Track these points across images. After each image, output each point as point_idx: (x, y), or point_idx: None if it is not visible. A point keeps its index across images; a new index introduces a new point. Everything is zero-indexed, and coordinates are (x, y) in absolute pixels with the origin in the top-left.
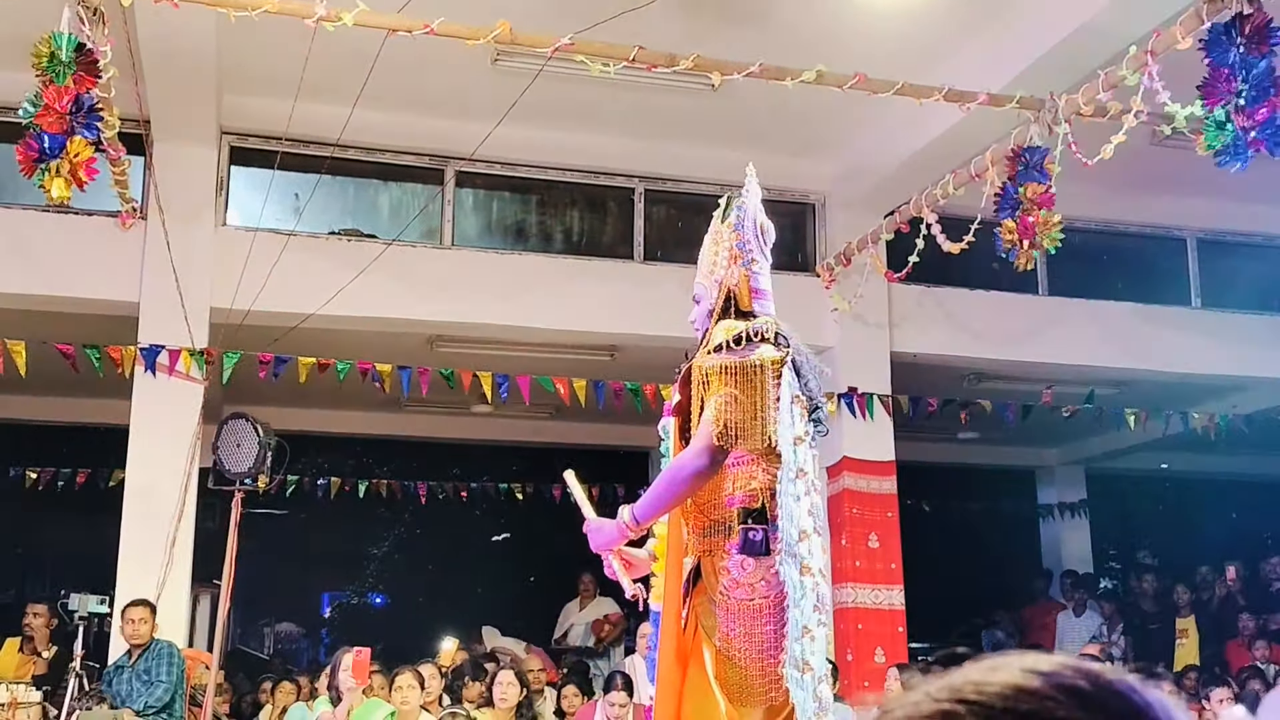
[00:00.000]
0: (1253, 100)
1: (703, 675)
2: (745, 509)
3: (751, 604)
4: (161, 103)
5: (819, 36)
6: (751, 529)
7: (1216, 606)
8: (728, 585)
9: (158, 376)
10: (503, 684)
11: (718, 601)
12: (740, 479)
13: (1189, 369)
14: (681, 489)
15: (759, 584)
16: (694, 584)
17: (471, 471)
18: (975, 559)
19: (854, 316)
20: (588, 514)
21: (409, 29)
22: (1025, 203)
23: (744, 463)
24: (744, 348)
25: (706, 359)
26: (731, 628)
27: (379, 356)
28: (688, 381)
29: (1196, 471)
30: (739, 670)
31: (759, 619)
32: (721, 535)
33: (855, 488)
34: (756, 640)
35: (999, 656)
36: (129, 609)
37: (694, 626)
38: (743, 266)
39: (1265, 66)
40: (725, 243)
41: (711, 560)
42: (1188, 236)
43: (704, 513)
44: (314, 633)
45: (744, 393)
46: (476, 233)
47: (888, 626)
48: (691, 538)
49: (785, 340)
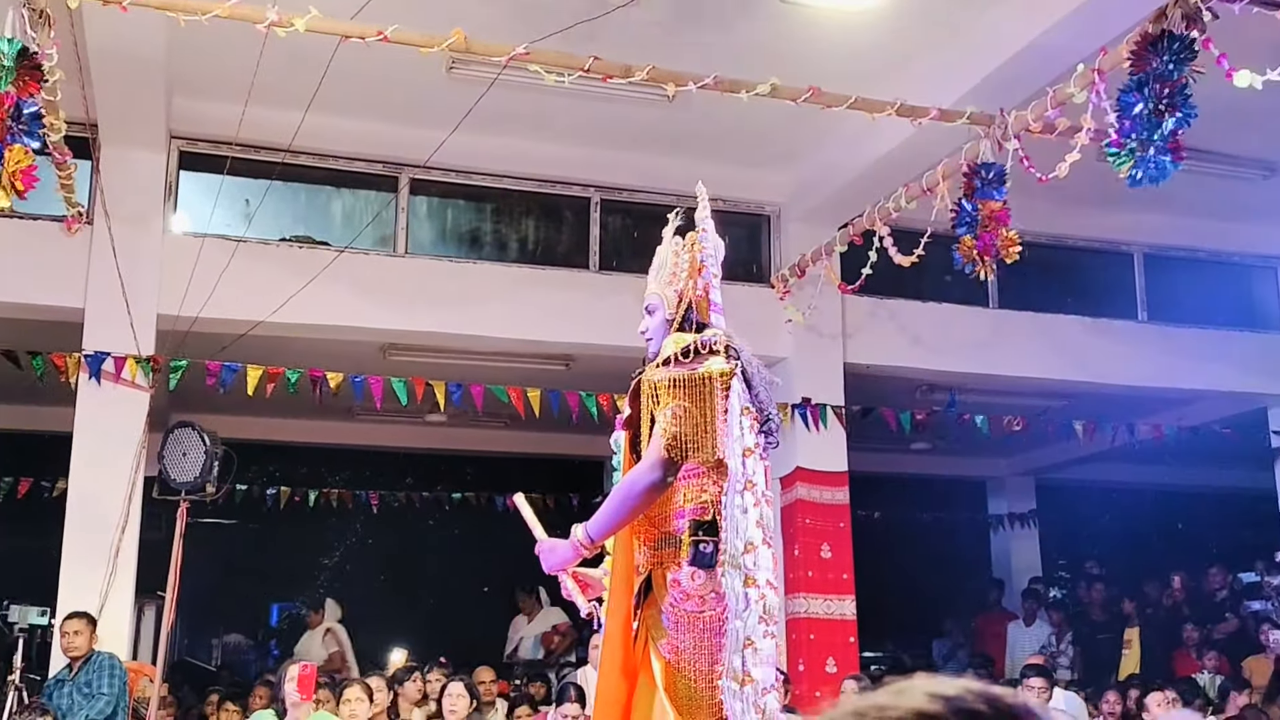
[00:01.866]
0: (1161, 110)
1: (652, 686)
2: (696, 521)
3: (701, 616)
4: (109, 106)
5: (775, 50)
6: (702, 541)
7: (1163, 616)
8: (677, 597)
9: (103, 384)
10: (452, 696)
11: (667, 613)
12: (690, 492)
13: (1135, 382)
14: (634, 504)
15: (709, 596)
16: (644, 597)
17: (424, 481)
18: (927, 569)
19: (808, 328)
20: (539, 535)
21: (362, 36)
22: (983, 219)
23: (694, 475)
24: (693, 360)
25: (655, 372)
26: (681, 639)
27: (331, 365)
28: (637, 395)
29: (1143, 483)
30: (687, 681)
31: (708, 631)
32: (672, 548)
33: (808, 498)
34: (705, 652)
35: (910, 679)
36: (66, 621)
37: (644, 638)
38: (705, 279)
39: (1180, 83)
40: (686, 254)
41: (662, 572)
42: (1134, 251)
43: (655, 526)
44: (263, 644)
45: (693, 405)
46: (431, 240)
47: (839, 636)
48: (642, 551)
49: (735, 352)
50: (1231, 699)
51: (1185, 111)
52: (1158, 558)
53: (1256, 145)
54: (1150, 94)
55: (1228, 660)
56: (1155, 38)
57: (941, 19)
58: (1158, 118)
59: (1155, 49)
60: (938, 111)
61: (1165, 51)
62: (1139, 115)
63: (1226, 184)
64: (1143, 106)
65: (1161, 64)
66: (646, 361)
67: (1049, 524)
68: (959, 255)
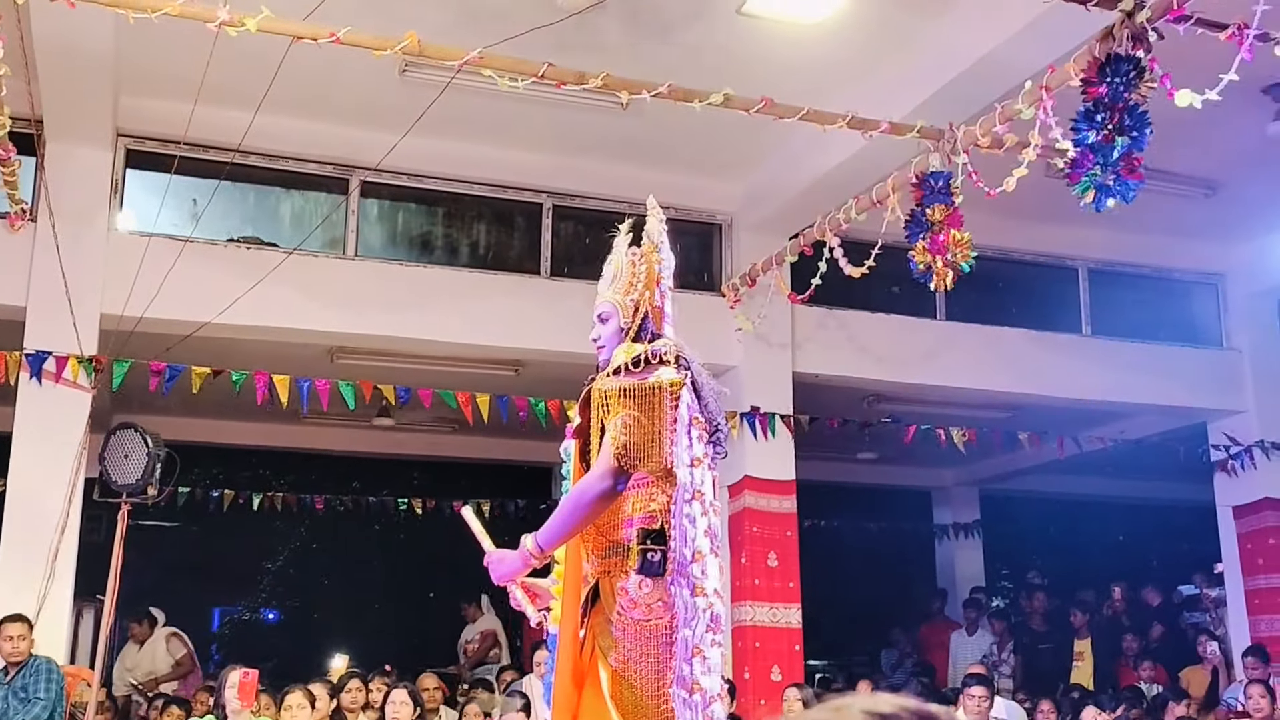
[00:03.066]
0: (1113, 134)
1: (599, 695)
2: (645, 530)
3: (648, 624)
4: (55, 102)
5: (728, 60)
6: (650, 550)
7: (1104, 626)
8: (625, 605)
9: (43, 384)
10: (395, 703)
11: (615, 622)
12: (639, 501)
13: (1079, 395)
14: (585, 513)
15: (656, 604)
16: (591, 605)
17: (371, 485)
18: (873, 578)
19: (757, 336)
20: (487, 546)
21: (314, 37)
22: (934, 224)
23: (643, 485)
24: (643, 370)
25: (606, 381)
26: (628, 648)
27: (277, 367)
28: (588, 404)
29: (1086, 494)
30: (634, 690)
31: (655, 640)
32: (620, 556)
33: (756, 506)
34: (652, 660)
35: (849, 696)
36: (4, 625)
37: (591, 647)
38: (661, 289)
39: (1132, 104)
40: (643, 264)
41: (609, 581)
42: (1079, 266)
43: (603, 534)
44: (204, 649)
45: (643, 415)
46: (381, 243)
47: (785, 645)
48: (590, 559)
49: (686, 362)
50: (1170, 709)
51: (1139, 132)
52: (1099, 568)
53: (1199, 164)
54: (1104, 121)
55: (1165, 671)
56: (1104, 61)
57: (893, 34)
58: (1108, 142)
59: (1104, 72)
60: (888, 124)
61: (1116, 74)
62: (1094, 144)
63: (1169, 202)
64: (1096, 135)
65: (1112, 87)
66: (598, 369)
67: (993, 534)
68: (915, 263)
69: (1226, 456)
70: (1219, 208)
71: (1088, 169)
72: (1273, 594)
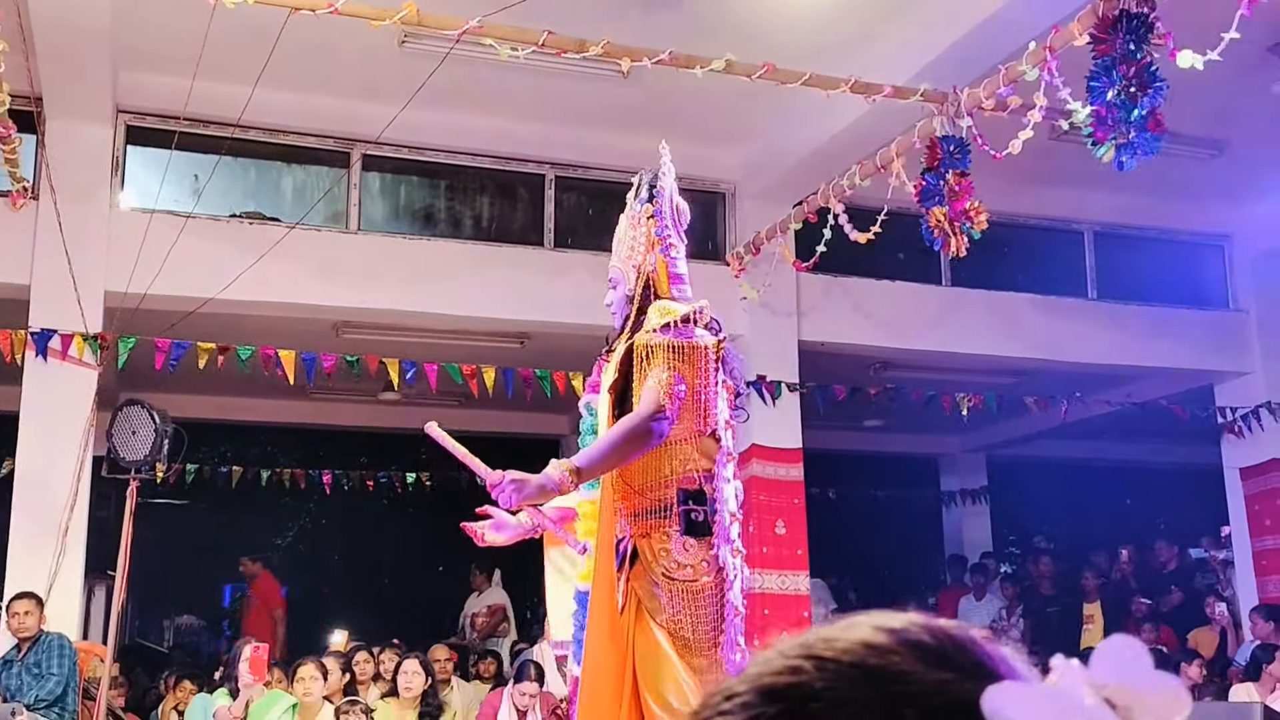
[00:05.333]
0: (1134, 92)
1: (660, 658)
2: (684, 490)
3: (695, 584)
4: (55, 79)
5: (730, 25)
6: (693, 510)
7: (1112, 589)
8: (670, 566)
9: (49, 362)
10: (408, 673)
11: (660, 583)
12: (677, 462)
13: (1085, 359)
14: (628, 447)
15: (700, 564)
16: (630, 566)
17: (378, 460)
18: (881, 544)
19: (763, 305)
20: (482, 468)
21: (313, 8)
22: (951, 190)
23: (680, 443)
24: (686, 329)
25: (650, 336)
26: (678, 609)
27: (283, 342)
28: (627, 361)
29: (1093, 458)
30: (689, 650)
31: (703, 600)
32: (660, 517)
33: (763, 475)
34: (705, 621)
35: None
36: (13, 602)
37: (634, 607)
38: (661, 253)
39: (1145, 62)
40: (643, 228)
41: (649, 542)
42: (1084, 229)
43: (641, 494)
44: (215, 625)
45: (689, 371)
46: (383, 217)
47: (793, 612)
48: (623, 520)
49: (718, 325)
50: (1183, 670)
51: (1155, 87)
52: (1106, 532)
53: (1205, 124)
54: (1118, 76)
55: (1174, 633)
56: (1113, 19)
57: None
58: (1131, 100)
59: (1114, 30)
60: (891, 89)
61: (1125, 31)
62: (1113, 101)
63: (1175, 163)
64: (1115, 92)
65: (1123, 44)
66: (614, 335)
67: (1000, 500)
68: (928, 228)
69: (1234, 418)
70: (1225, 168)
71: (1113, 128)
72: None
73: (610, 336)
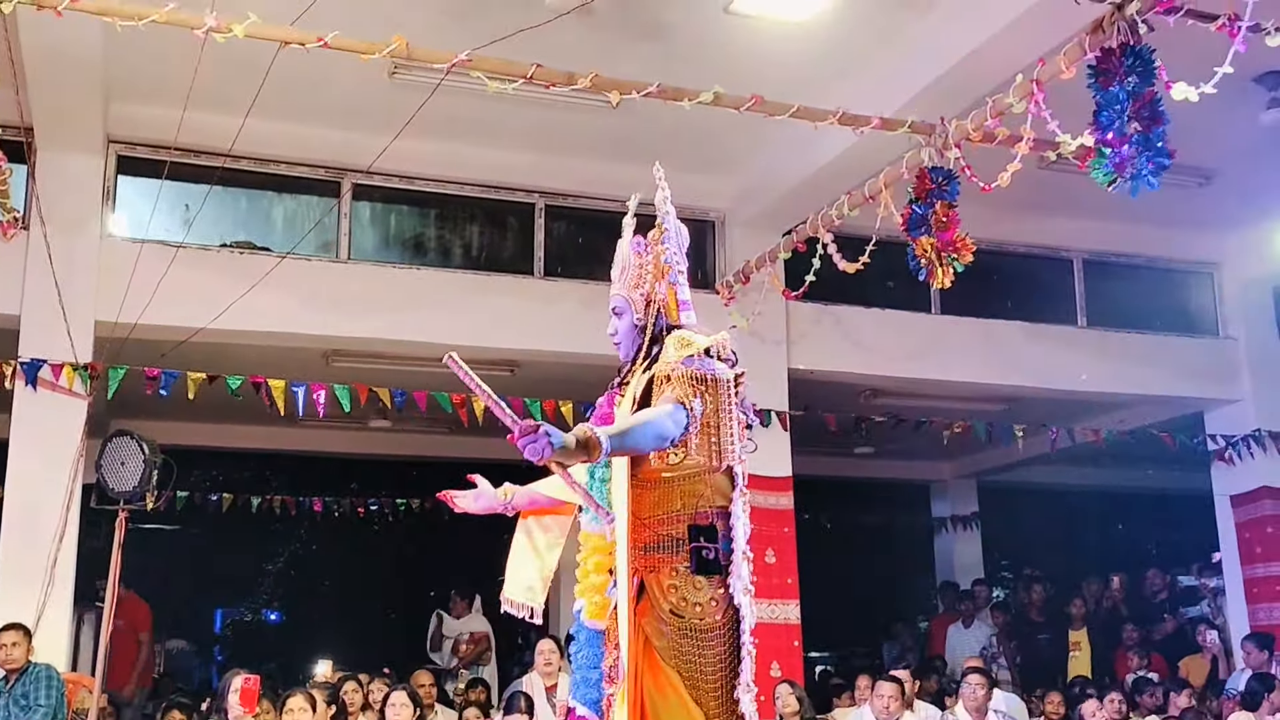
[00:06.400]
0: (1147, 124)
1: (670, 694)
2: (696, 526)
3: (703, 624)
4: (46, 110)
5: (718, 56)
6: (704, 547)
7: (1104, 617)
8: (678, 604)
9: (39, 391)
10: (395, 705)
11: (668, 621)
12: (690, 495)
13: (1074, 386)
14: (652, 436)
15: (709, 603)
16: (636, 601)
17: (368, 487)
18: (872, 571)
19: (752, 333)
20: (510, 413)
21: (302, 42)
22: (938, 221)
23: (693, 478)
24: (706, 361)
25: (674, 366)
26: (686, 649)
27: (273, 371)
28: (649, 391)
29: (1083, 485)
30: (700, 692)
31: (712, 640)
32: (667, 552)
33: (753, 503)
34: (711, 661)
35: None
36: (1, 633)
37: (642, 645)
38: (670, 280)
39: (1149, 92)
40: (649, 254)
41: (656, 578)
42: (1074, 257)
43: (648, 526)
44: (206, 651)
45: (709, 403)
46: (374, 246)
47: (783, 640)
48: (630, 553)
49: (734, 358)
50: (1172, 700)
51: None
52: (1097, 559)
53: (1193, 153)
54: (1123, 109)
55: (1165, 660)
56: (1115, 52)
57: (881, 30)
58: (1145, 131)
59: (1116, 64)
60: (879, 120)
61: (1128, 67)
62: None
63: (1164, 191)
64: (1136, 126)
65: (1125, 80)
66: (626, 366)
67: (991, 526)
68: (915, 258)
69: (1224, 445)
70: (1214, 197)
71: (1131, 159)
72: (1271, 582)
73: (622, 368)
